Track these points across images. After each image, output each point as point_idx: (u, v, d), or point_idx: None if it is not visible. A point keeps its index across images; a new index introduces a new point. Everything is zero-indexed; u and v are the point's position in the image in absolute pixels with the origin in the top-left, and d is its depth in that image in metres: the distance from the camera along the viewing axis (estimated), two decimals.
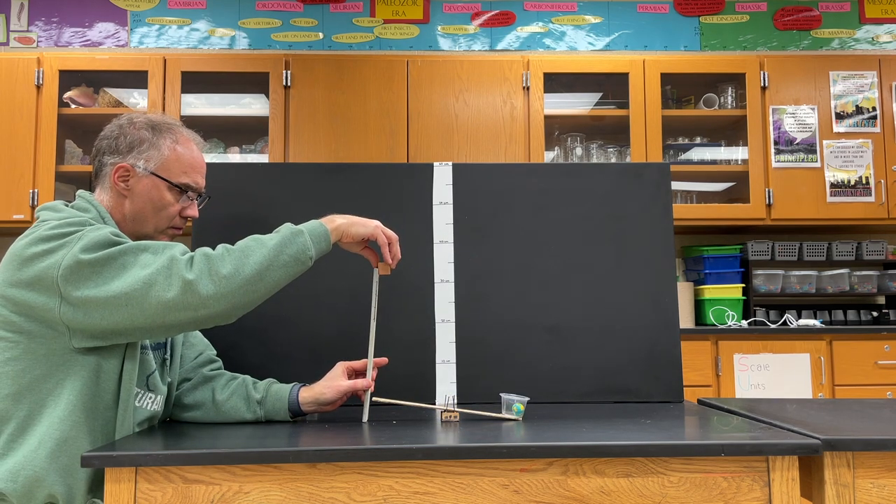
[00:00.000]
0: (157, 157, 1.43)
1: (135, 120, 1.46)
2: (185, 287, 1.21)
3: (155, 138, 1.43)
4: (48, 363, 1.27)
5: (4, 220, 3.41)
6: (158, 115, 1.49)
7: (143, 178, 1.42)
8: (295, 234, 1.30)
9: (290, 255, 1.28)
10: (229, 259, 1.25)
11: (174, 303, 1.22)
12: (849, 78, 3.62)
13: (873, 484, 1.18)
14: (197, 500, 1.11)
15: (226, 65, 3.57)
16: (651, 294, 1.72)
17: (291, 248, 1.28)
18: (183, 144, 1.46)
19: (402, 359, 1.67)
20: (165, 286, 1.22)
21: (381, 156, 3.52)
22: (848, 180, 3.55)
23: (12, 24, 3.85)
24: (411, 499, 1.13)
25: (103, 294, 1.22)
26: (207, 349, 1.61)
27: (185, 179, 1.45)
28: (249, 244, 1.28)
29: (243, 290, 1.24)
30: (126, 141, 1.43)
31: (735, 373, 3.20)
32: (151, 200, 1.42)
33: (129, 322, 1.23)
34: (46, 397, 1.26)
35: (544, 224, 1.75)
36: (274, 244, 1.27)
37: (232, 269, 1.23)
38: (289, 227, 1.31)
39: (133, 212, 1.42)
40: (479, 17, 3.95)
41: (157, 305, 1.22)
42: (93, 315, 1.23)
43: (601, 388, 1.69)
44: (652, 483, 1.15)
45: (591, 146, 3.77)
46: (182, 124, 1.50)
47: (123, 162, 1.42)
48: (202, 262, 1.24)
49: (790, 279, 3.63)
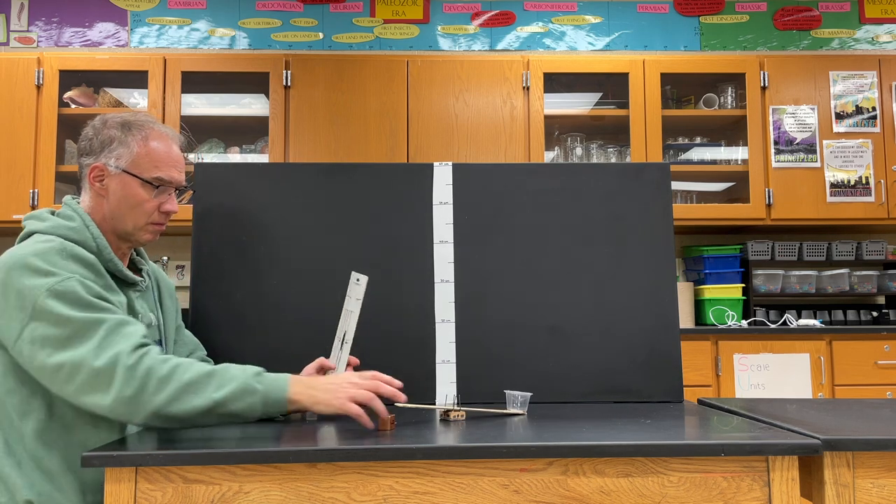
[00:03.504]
0: (126, 154, 1.43)
1: (108, 120, 1.47)
2: (117, 401, 1.21)
3: (124, 136, 1.44)
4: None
5: (4, 220, 3.41)
6: (134, 114, 1.49)
7: (116, 176, 1.43)
8: (248, 391, 1.24)
9: (231, 411, 1.23)
10: (167, 389, 1.21)
11: (103, 405, 1.22)
12: (849, 78, 3.62)
13: (873, 484, 1.18)
14: (197, 500, 1.11)
15: (226, 65, 3.57)
16: (651, 294, 1.72)
17: (237, 405, 1.23)
18: (155, 139, 1.46)
19: (402, 359, 1.67)
20: (103, 390, 1.21)
21: (381, 156, 3.52)
22: (848, 180, 3.55)
23: (12, 24, 3.85)
24: (411, 499, 1.13)
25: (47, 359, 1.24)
26: (198, 349, 1.62)
27: (157, 174, 1.45)
28: (201, 380, 1.23)
29: (165, 419, 1.22)
30: (98, 140, 1.44)
31: (735, 373, 3.20)
32: (126, 198, 1.43)
33: (54, 387, 1.25)
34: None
35: (544, 224, 1.75)
36: (222, 396, 1.22)
37: (165, 400, 1.21)
38: (246, 379, 1.25)
39: (111, 211, 1.44)
40: (479, 17, 3.95)
41: (86, 398, 1.23)
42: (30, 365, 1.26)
43: (601, 388, 1.69)
44: (652, 483, 1.15)
45: (591, 146, 3.77)
46: (156, 121, 1.50)
47: (97, 162, 1.43)
48: (142, 381, 1.21)
49: (790, 279, 3.63)
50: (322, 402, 1.26)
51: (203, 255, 1.72)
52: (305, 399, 1.26)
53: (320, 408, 1.26)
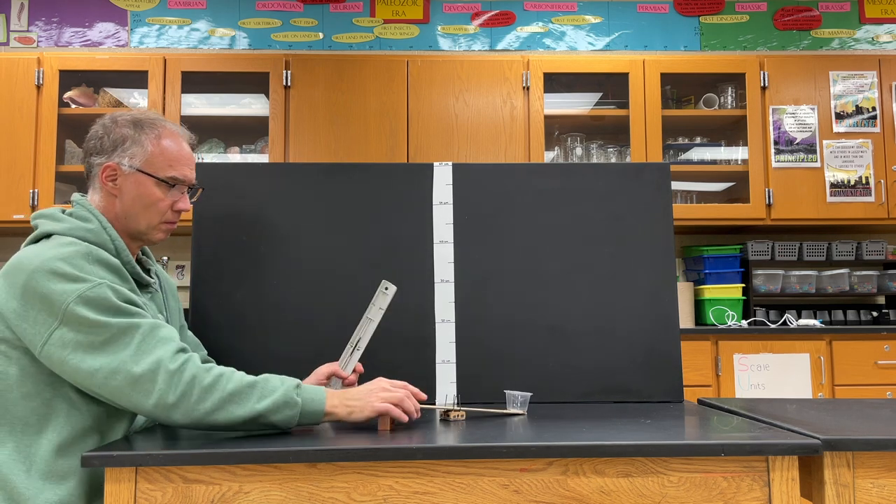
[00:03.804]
0: (140, 153, 1.42)
1: (118, 118, 1.45)
2: (159, 406, 1.21)
3: (137, 135, 1.43)
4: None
5: (4, 220, 3.41)
6: (142, 112, 1.48)
7: (130, 175, 1.42)
8: (289, 403, 1.25)
9: (271, 421, 1.25)
10: (212, 399, 1.22)
11: (143, 409, 1.22)
12: (849, 78, 3.62)
13: (873, 484, 1.18)
14: (197, 500, 1.11)
15: (226, 65, 3.57)
16: (651, 294, 1.72)
17: (277, 416, 1.24)
18: (167, 138, 1.45)
19: (402, 359, 1.67)
20: (144, 394, 1.21)
21: (381, 156, 3.52)
22: (848, 180, 3.55)
23: (12, 24, 3.85)
24: (411, 499, 1.13)
25: (85, 364, 1.23)
26: (198, 349, 1.62)
27: (172, 173, 1.44)
28: (243, 390, 1.24)
29: (206, 426, 1.23)
30: (110, 140, 1.42)
31: (735, 373, 3.19)
32: (140, 197, 1.42)
33: (89, 390, 1.25)
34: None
35: (544, 224, 1.75)
36: (263, 407, 1.23)
37: (209, 409, 1.22)
38: (287, 391, 1.26)
39: (124, 210, 1.42)
40: (479, 17, 3.95)
41: (124, 401, 1.23)
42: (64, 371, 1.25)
43: (601, 388, 1.69)
44: (652, 483, 1.15)
45: (591, 146, 3.77)
46: (165, 119, 1.49)
47: (109, 161, 1.42)
48: (186, 388, 1.22)
49: (790, 279, 3.63)
50: (356, 409, 1.29)
51: (203, 256, 1.72)
52: (341, 411, 1.29)
53: (355, 416, 1.29)
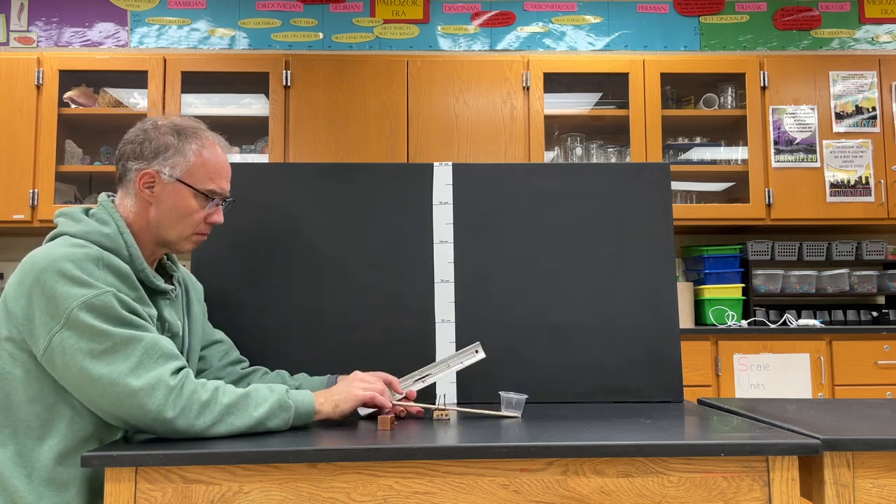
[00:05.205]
0: (182, 163, 1.39)
1: (160, 124, 1.42)
2: (157, 420, 1.20)
3: (181, 144, 1.39)
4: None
5: (4, 220, 3.41)
6: (183, 119, 1.44)
7: (169, 184, 1.39)
8: (284, 407, 1.29)
9: (268, 427, 1.27)
10: (211, 413, 1.23)
11: (140, 422, 1.21)
12: (849, 78, 3.62)
13: (873, 484, 1.18)
14: (197, 500, 1.11)
15: (226, 65, 3.56)
16: (651, 294, 1.72)
17: (272, 422, 1.27)
18: (208, 149, 1.42)
19: (403, 358, 1.67)
20: (142, 409, 1.20)
21: (381, 156, 3.52)
22: (848, 180, 3.55)
23: (12, 24, 3.85)
24: (411, 499, 1.13)
25: (87, 371, 1.21)
26: (232, 349, 1.61)
27: (211, 186, 1.42)
28: (239, 401, 1.26)
29: (207, 435, 1.23)
30: (151, 146, 1.39)
31: (735, 373, 3.19)
32: (177, 207, 1.39)
33: (85, 399, 1.24)
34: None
35: (544, 224, 1.75)
36: (261, 414, 1.26)
37: (210, 422, 1.23)
38: (279, 396, 1.29)
39: (158, 219, 1.39)
40: (479, 17, 3.95)
41: (120, 413, 1.21)
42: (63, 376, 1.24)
43: (601, 388, 1.69)
44: (652, 483, 1.15)
45: (591, 146, 3.77)
46: (207, 127, 1.46)
47: (149, 168, 1.38)
48: (187, 403, 1.22)
49: (790, 279, 3.63)
50: (341, 402, 1.35)
51: (203, 256, 1.72)
52: (328, 406, 1.34)
53: (341, 409, 1.35)
